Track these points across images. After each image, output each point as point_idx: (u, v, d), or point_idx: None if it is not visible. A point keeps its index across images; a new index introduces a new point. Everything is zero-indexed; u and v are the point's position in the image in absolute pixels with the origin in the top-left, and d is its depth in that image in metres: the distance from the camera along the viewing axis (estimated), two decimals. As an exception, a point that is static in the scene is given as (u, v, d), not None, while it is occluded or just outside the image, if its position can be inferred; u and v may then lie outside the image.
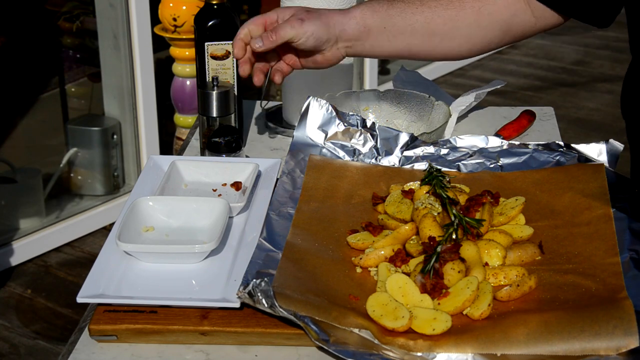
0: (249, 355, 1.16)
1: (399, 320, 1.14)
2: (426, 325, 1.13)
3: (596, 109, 4.50)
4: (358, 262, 1.27)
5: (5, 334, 2.89)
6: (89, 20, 3.62)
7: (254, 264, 1.22)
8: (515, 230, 1.33)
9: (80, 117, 3.65)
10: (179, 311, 1.18)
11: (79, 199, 3.49)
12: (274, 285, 1.16)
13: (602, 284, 1.19)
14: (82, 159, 3.48)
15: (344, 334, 1.12)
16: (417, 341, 1.12)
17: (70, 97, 3.78)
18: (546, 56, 5.09)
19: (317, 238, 1.31)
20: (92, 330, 1.17)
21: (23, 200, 3.30)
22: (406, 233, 1.29)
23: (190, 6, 3.06)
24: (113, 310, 1.18)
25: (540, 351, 1.09)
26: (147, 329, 1.16)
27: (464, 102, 1.77)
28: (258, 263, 1.22)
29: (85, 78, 3.78)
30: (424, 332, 1.13)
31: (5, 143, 3.66)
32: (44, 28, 3.88)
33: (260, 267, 1.21)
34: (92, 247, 3.33)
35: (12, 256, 3.19)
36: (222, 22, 1.69)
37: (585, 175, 1.41)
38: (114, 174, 3.51)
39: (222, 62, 1.71)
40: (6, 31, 3.84)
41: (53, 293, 3.08)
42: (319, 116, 1.53)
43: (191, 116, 3.17)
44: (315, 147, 1.52)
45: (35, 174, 3.38)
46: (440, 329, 1.13)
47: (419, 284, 1.19)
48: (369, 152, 1.52)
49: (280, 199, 1.39)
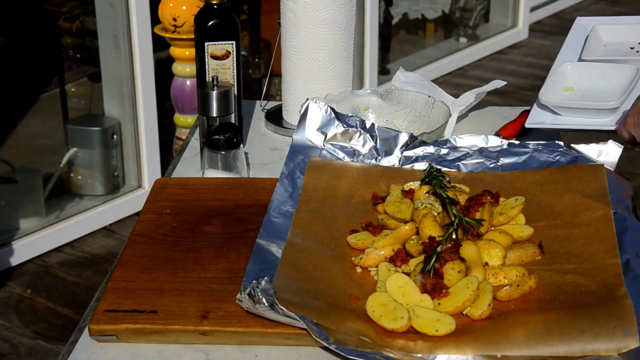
0: (249, 355, 1.16)
1: (398, 321, 1.14)
2: (429, 325, 1.13)
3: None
4: (358, 262, 1.27)
5: (5, 334, 2.89)
6: (89, 20, 3.62)
7: (253, 265, 1.22)
8: (515, 230, 1.33)
9: (80, 117, 3.65)
10: (179, 311, 1.18)
11: (79, 199, 3.49)
12: (273, 286, 1.16)
13: (602, 284, 1.19)
14: (82, 159, 3.48)
15: (344, 336, 1.12)
16: (417, 342, 1.12)
17: (70, 97, 3.78)
18: (546, 56, 5.09)
19: (317, 238, 1.31)
20: (92, 330, 1.17)
21: (23, 200, 3.30)
22: (406, 233, 1.29)
23: (190, 6, 3.06)
24: (113, 310, 1.18)
25: (540, 352, 1.09)
26: (147, 329, 1.16)
27: (464, 102, 1.77)
28: (258, 264, 1.22)
29: (85, 78, 3.78)
30: (427, 333, 1.13)
31: (5, 143, 3.66)
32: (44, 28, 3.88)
33: (260, 268, 1.21)
34: (92, 247, 3.33)
35: (12, 256, 3.19)
36: (222, 22, 1.69)
37: (585, 175, 1.41)
38: (114, 174, 3.51)
39: (222, 62, 1.71)
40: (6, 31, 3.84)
41: (53, 293, 3.08)
42: (318, 118, 1.53)
43: (191, 116, 3.17)
44: (315, 149, 1.52)
45: (35, 174, 3.38)
46: (443, 331, 1.12)
47: (419, 284, 1.19)
48: (369, 152, 1.51)
49: (280, 198, 1.39)
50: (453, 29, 5.13)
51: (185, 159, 1.73)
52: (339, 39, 1.77)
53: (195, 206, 1.45)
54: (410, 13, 4.89)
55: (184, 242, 1.36)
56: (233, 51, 1.71)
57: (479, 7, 5.17)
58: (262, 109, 1.90)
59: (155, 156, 3.50)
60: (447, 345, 1.11)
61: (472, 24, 5.12)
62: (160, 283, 1.25)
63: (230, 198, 1.47)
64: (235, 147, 1.58)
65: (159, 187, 1.51)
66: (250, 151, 1.73)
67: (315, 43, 1.76)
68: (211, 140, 1.57)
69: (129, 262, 1.31)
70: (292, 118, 1.82)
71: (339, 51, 1.78)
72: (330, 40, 1.76)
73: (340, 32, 1.76)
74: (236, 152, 1.58)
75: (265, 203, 1.39)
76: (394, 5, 4.78)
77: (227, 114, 1.64)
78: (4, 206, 3.28)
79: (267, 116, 1.87)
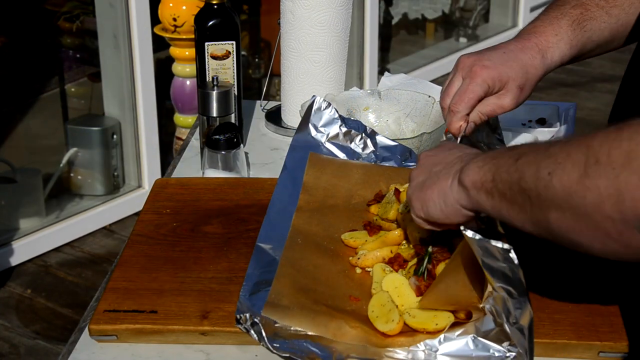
0: (249, 355, 1.16)
1: (389, 323, 1.14)
2: (429, 321, 1.13)
3: (596, 108, 4.50)
4: (356, 262, 1.27)
5: (5, 334, 2.89)
6: (89, 20, 3.62)
7: (253, 269, 1.21)
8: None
9: (80, 117, 3.65)
10: (179, 311, 1.18)
11: (79, 199, 3.49)
12: (270, 295, 1.15)
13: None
14: (82, 159, 3.48)
15: (346, 347, 1.12)
16: (415, 337, 1.12)
17: (70, 97, 3.78)
18: (546, 56, 5.08)
19: (317, 238, 1.31)
20: (92, 330, 1.17)
21: (23, 200, 3.30)
22: (394, 239, 1.29)
23: (190, 6, 3.06)
24: (113, 310, 1.18)
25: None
26: (147, 329, 1.16)
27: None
28: (257, 268, 1.22)
29: (85, 78, 3.78)
30: (427, 329, 1.13)
31: (5, 143, 3.66)
32: (44, 28, 3.88)
33: (260, 272, 1.21)
34: (92, 247, 3.33)
35: (12, 256, 3.19)
36: (222, 22, 1.70)
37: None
38: (114, 174, 3.51)
39: (222, 62, 1.71)
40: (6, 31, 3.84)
41: (53, 293, 3.08)
42: (321, 116, 1.53)
43: (191, 116, 3.17)
44: (316, 147, 1.52)
45: (35, 174, 3.38)
46: (443, 324, 1.13)
47: (413, 287, 1.19)
48: (367, 157, 1.51)
49: (281, 198, 1.39)
50: (453, 29, 5.13)
51: (185, 159, 1.73)
52: (336, 41, 1.77)
53: (195, 206, 1.45)
54: (410, 13, 4.89)
55: (184, 242, 1.36)
56: (233, 51, 1.71)
57: (479, 7, 5.17)
58: (262, 109, 1.90)
59: (155, 156, 3.50)
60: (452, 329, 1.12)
61: (472, 24, 5.12)
62: (160, 283, 1.25)
63: (230, 198, 1.47)
64: (235, 147, 1.58)
65: (159, 187, 1.51)
66: (250, 151, 1.73)
67: (312, 44, 1.76)
68: (211, 140, 1.57)
69: (129, 262, 1.31)
70: (289, 119, 1.82)
71: (335, 53, 1.78)
72: (327, 42, 1.76)
73: (337, 34, 1.77)
74: (236, 152, 1.58)
75: (265, 203, 1.39)
76: (394, 5, 4.78)
77: (227, 114, 1.64)
78: (4, 206, 3.28)
79: (267, 116, 1.86)
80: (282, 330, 1.11)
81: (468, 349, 1.10)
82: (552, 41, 1.35)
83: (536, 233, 0.95)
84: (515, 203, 0.96)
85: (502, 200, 0.98)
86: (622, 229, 0.84)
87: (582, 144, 0.88)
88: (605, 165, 0.84)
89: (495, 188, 0.98)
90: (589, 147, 0.87)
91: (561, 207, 0.89)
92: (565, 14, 1.34)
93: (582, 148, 0.88)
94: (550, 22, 1.34)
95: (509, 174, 0.96)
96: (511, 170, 0.96)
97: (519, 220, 0.96)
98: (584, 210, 0.87)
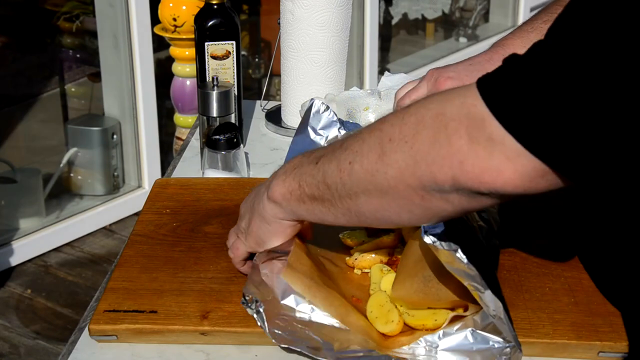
0: (249, 355, 1.16)
1: (389, 324, 1.14)
2: (428, 318, 1.13)
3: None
4: (353, 262, 1.27)
5: (5, 334, 2.89)
6: (89, 20, 3.62)
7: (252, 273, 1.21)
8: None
9: (80, 117, 3.65)
10: (179, 311, 1.18)
11: (79, 199, 3.49)
12: (290, 258, 1.15)
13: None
14: (82, 159, 3.48)
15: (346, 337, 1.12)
16: (415, 334, 1.12)
17: (70, 97, 3.78)
18: (546, 56, 5.09)
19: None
20: (92, 330, 1.17)
21: (23, 200, 3.30)
22: (388, 242, 1.29)
23: (190, 6, 3.06)
24: (113, 310, 1.18)
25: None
26: (147, 329, 1.16)
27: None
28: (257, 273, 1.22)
29: (85, 78, 3.79)
30: (427, 325, 1.13)
31: (5, 143, 3.66)
32: (44, 28, 3.88)
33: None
34: (92, 247, 3.33)
35: (12, 256, 3.19)
36: (222, 22, 1.70)
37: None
38: (114, 174, 3.51)
39: (222, 62, 1.71)
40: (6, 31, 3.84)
41: (53, 293, 3.08)
42: (320, 119, 1.53)
43: (191, 116, 3.17)
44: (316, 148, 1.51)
45: (35, 174, 3.39)
46: (442, 320, 1.13)
47: None
48: None
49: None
50: (453, 29, 5.13)
51: (185, 159, 1.73)
52: (336, 42, 1.77)
53: (195, 206, 1.45)
54: (410, 13, 4.89)
55: (184, 242, 1.36)
56: (233, 51, 1.71)
57: (479, 7, 5.17)
58: (262, 109, 1.90)
59: (155, 156, 3.50)
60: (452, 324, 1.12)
61: (472, 24, 5.12)
62: (160, 283, 1.25)
63: (230, 198, 1.47)
64: (235, 147, 1.58)
65: (159, 187, 1.51)
66: (250, 151, 1.73)
67: (312, 45, 1.76)
68: (211, 140, 1.57)
69: (129, 262, 1.31)
70: (290, 119, 1.82)
71: (334, 53, 1.78)
72: (327, 43, 1.76)
73: (337, 34, 1.76)
74: (236, 152, 1.58)
75: (265, 203, 1.39)
76: (394, 5, 4.78)
77: (227, 114, 1.64)
78: (4, 206, 3.28)
79: (267, 116, 1.86)
80: (284, 317, 1.12)
81: (468, 342, 1.10)
82: (519, 53, 1.37)
83: (350, 223, 1.04)
84: (325, 200, 1.03)
85: (313, 202, 1.06)
86: (423, 193, 0.92)
87: (374, 129, 0.97)
88: (398, 140, 0.93)
89: (303, 193, 1.06)
90: (382, 130, 0.95)
91: (367, 189, 0.97)
92: (535, 28, 1.38)
93: (375, 132, 0.96)
94: (520, 35, 1.39)
95: (312, 177, 1.04)
96: (314, 172, 1.04)
97: (331, 215, 1.04)
98: (387, 185, 0.94)
